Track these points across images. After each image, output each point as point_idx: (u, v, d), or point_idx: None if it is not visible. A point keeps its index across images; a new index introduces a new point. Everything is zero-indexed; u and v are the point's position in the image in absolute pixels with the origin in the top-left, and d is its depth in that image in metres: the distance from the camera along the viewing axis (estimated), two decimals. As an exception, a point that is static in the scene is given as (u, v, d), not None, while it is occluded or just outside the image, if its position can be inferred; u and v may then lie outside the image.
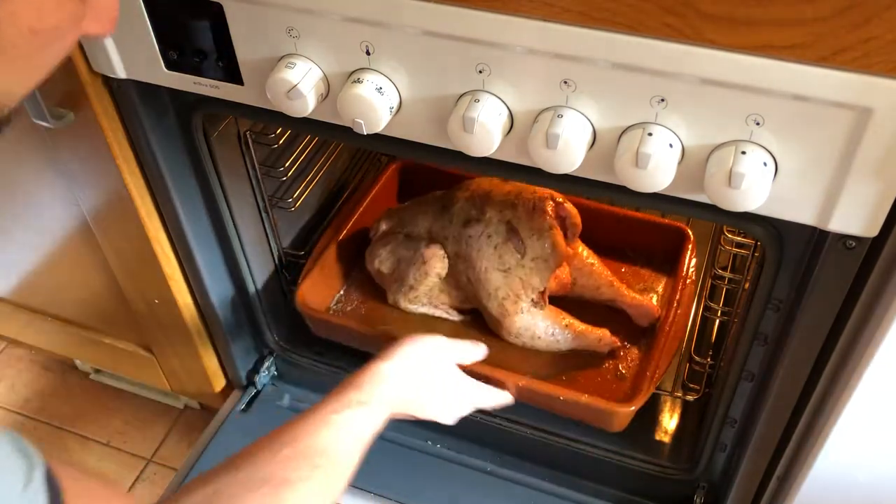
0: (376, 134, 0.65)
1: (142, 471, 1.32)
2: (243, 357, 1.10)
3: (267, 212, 1.00)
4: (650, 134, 0.56)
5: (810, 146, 0.54)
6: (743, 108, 0.54)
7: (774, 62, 0.51)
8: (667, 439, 1.00)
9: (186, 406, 1.39)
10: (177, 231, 0.90)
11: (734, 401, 0.82)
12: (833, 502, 0.78)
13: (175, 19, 0.67)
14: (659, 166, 0.56)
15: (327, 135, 0.84)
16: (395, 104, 0.64)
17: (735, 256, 0.97)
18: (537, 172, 0.62)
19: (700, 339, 1.04)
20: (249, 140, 0.92)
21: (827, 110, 0.52)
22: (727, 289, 1.02)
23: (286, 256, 1.09)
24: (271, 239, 1.04)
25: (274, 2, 0.62)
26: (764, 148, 0.55)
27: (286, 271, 1.09)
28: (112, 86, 0.76)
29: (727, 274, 0.98)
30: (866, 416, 0.67)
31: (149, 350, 1.13)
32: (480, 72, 0.59)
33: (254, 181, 0.96)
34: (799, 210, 0.58)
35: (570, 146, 0.58)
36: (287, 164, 1.02)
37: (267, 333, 1.08)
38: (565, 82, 0.57)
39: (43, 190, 0.93)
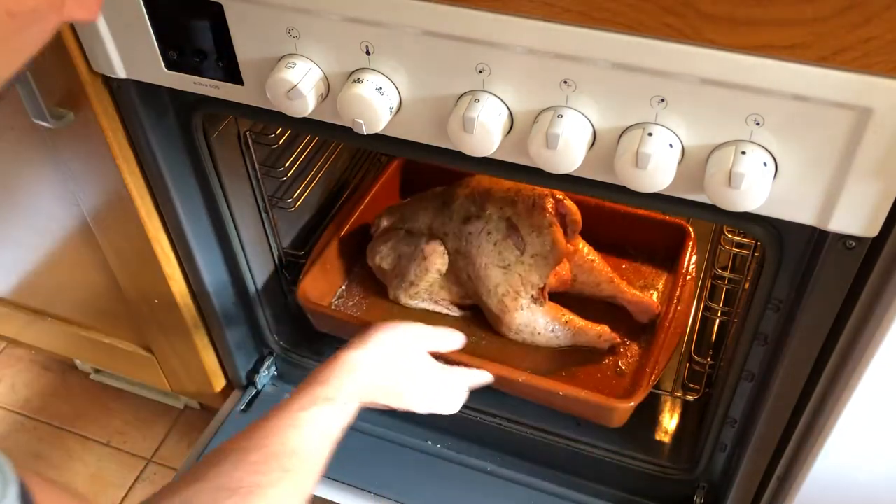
0: (376, 134, 0.65)
1: (142, 471, 1.32)
2: (243, 357, 1.10)
3: (267, 212, 1.00)
4: (650, 134, 0.56)
5: (810, 146, 0.54)
6: (743, 108, 0.54)
7: (774, 62, 0.51)
8: (667, 439, 1.00)
9: (186, 406, 1.39)
10: (177, 231, 0.90)
11: (734, 401, 0.82)
12: (833, 502, 0.78)
13: (175, 19, 0.67)
14: (659, 166, 0.56)
15: (327, 135, 0.84)
16: (395, 104, 0.64)
17: (735, 256, 0.97)
18: (537, 172, 0.62)
19: (700, 339, 1.04)
20: (249, 140, 0.92)
21: (827, 110, 0.52)
22: (727, 289, 1.02)
23: (286, 256, 1.09)
24: (271, 239, 1.04)
25: (274, 2, 0.62)
26: (764, 148, 0.55)
27: (286, 271, 1.09)
28: (112, 86, 0.76)
29: (727, 274, 0.98)
30: (866, 416, 0.67)
31: (149, 350, 1.13)
32: (480, 72, 0.59)
33: (254, 181, 0.96)
34: (799, 210, 0.58)
35: (570, 146, 0.58)
36: (287, 164, 1.02)
37: (267, 333, 1.08)
38: (565, 82, 0.57)
39: (43, 190, 0.93)
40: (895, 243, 0.58)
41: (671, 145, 0.56)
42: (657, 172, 0.56)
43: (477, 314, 1.08)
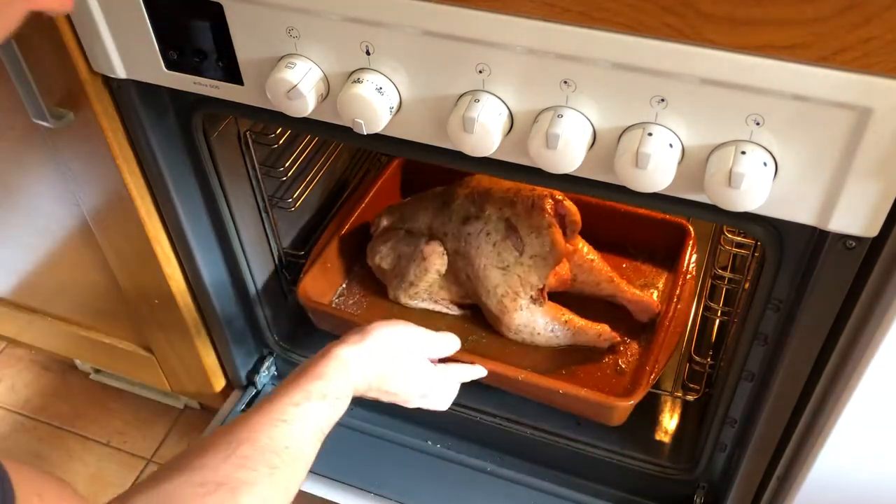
0: (376, 134, 0.65)
1: (142, 471, 1.32)
2: (243, 357, 1.10)
3: (267, 212, 1.00)
4: (650, 134, 0.56)
5: (810, 146, 0.54)
6: (743, 108, 0.54)
7: (774, 62, 0.51)
8: (667, 439, 1.00)
9: (186, 406, 1.39)
10: (177, 231, 0.90)
11: (734, 401, 0.82)
12: (833, 502, 0.78)
13: (175, 19, 0.67)
14: (659, 166, 0.56)
15: (327, 135, 0.84)
16: (395, 104, 0.64)
17: (735, 256, 0.97)
18: (537, 172, 0.62)
19: (700, 339, 1.04)
20: (249, 140, 0.92)
21: (827, 110, 0.52)
22: (727, 289, 1.02)
23: (286, 256, 1.09)
24: (271, 239, 1.04)
25: (274, 2, 0.62)
26: (764, 148, 0.55)
27: (286, 271, 1.09)
28: (112, 86, 0.76)
29: (727, 274, 0.98)
30: (866, 416, 0.67)
31: (149, 350, 1.13)
32: (480, 72, 0.59)
33: (254, 181, 0.96)
34: (799, 210, 0.58)
35: (570, 146, 0.58)
36: (287, 164, 1.02)
37: (267, 333, 1.08)
38: (565, 82, 0.57)
39: (43, 190, 0.93)
40: (895, 243, 0.58)
41: (671, 145, 0.56)
42: (657, 172, 0.56)
43: (477, 313, 1.08)
